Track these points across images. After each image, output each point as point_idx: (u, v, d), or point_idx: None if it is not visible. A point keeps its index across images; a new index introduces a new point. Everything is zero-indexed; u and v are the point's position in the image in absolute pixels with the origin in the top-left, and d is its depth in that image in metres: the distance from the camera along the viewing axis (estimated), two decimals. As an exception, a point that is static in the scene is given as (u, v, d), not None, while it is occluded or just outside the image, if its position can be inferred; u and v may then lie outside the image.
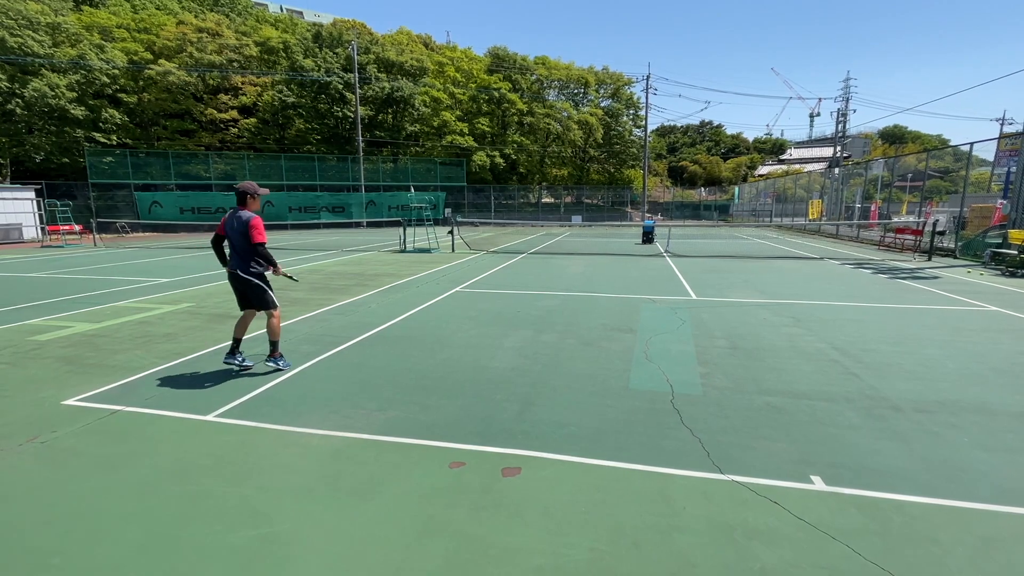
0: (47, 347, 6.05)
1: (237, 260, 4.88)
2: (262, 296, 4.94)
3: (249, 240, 4.74)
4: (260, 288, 4.91)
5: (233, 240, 4.86)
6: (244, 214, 4.80)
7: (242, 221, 4.76)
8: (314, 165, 36.99)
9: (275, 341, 5.01)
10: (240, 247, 4.83)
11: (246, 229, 4.74)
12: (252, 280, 4.87)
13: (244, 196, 4.90)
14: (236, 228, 4.79)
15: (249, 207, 4.90)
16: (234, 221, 4.81)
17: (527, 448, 3.49)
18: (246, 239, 4.76)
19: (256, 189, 4.93)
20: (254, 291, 4.91)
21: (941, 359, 5.40)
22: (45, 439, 3.68)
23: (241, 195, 4.90)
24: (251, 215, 4.80)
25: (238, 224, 4.78)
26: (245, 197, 4.90)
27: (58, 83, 29.84)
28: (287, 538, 2.58)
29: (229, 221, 4.87)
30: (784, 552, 2.44)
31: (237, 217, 4.81)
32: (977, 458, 3.33)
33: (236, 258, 4.89)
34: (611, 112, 51.52)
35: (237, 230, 4.79)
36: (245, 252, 4.83)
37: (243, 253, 4.84)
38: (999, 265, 12.62)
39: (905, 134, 75.28)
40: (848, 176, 29.43)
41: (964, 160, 17.72)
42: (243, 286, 4.90)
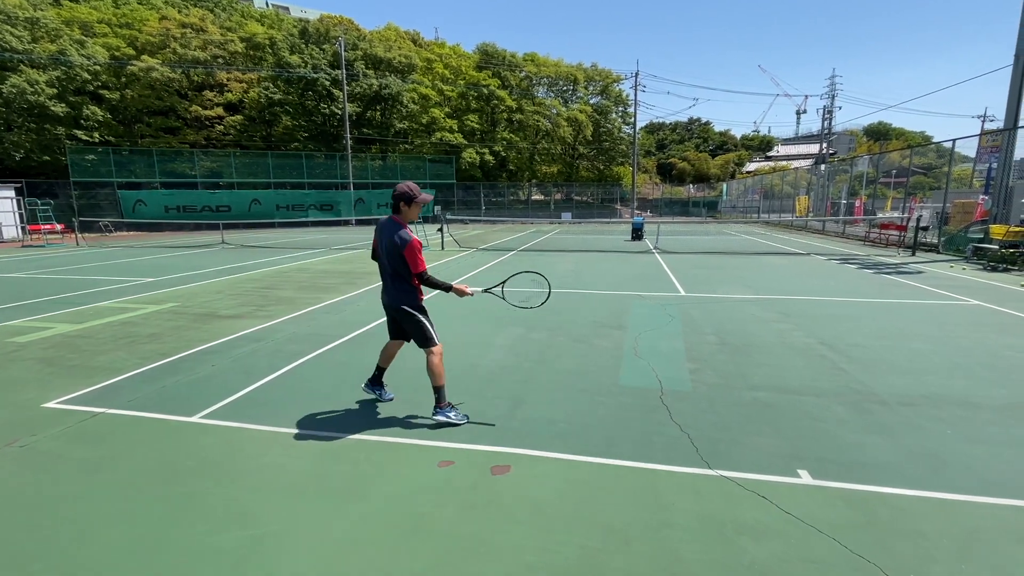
0: (28, 348, 5.93)
1: (391, 288, 3.86)
2: (421, 330, 3.85)
3: (406, 266, 3.72)
4: (419, 321, 3.84)
5: (385, 260, 3.82)
6: (402, 234, 3.68)
7: (400, 241, 3.66)
8: (302, 163, 36.60)
9: (439, 387, 3.86)
10: (394, 270, 3.78)
11: (402, 252, 3.67)
12: (412, 313, 3.84)
13: (398, 202, 3.74)
14: (388, 247, 3.74)
15: (406, 217, 3.79)
16: (388, 236, 3.74)
17: (517, 446, 3.48)
18: (403, 263, 3.72)
19: (417, 192, 3.76)
20: (412, 324, 3.86)
21: (926, 353, 5.48)
22: (25, 443, 3.60)
23: (395, 199, 3.74)
24: (409, 236, 3.68)
25: (392, 243, 3.70)
26: (399, 204, 3.74)
27: (37, 79, 29.22)
28: (275, 539, 2.54)
29: (379, 232, 3.86)
30: (773, 546, 2.46)
31: (395, 235, 3.70)
32: (961, 451, 3.38)
33: (390, 284, 3.87)
34: (600, 109, 51.58)
35: (389, 250, 3.74)
36: (399, 278, 3.80)
37: (397, 278, 3.81)
38: (981, 260, 12.84)
39: (889, 131, 76.26)
40: (834, 173, 29.77)
41: (947, 156, 17.99)
42: (399, 317, 3.91)
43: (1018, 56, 14.18)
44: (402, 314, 3.83)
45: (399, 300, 3.81)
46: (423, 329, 3.83)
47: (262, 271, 12.42)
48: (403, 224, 3.76)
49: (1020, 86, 14.18)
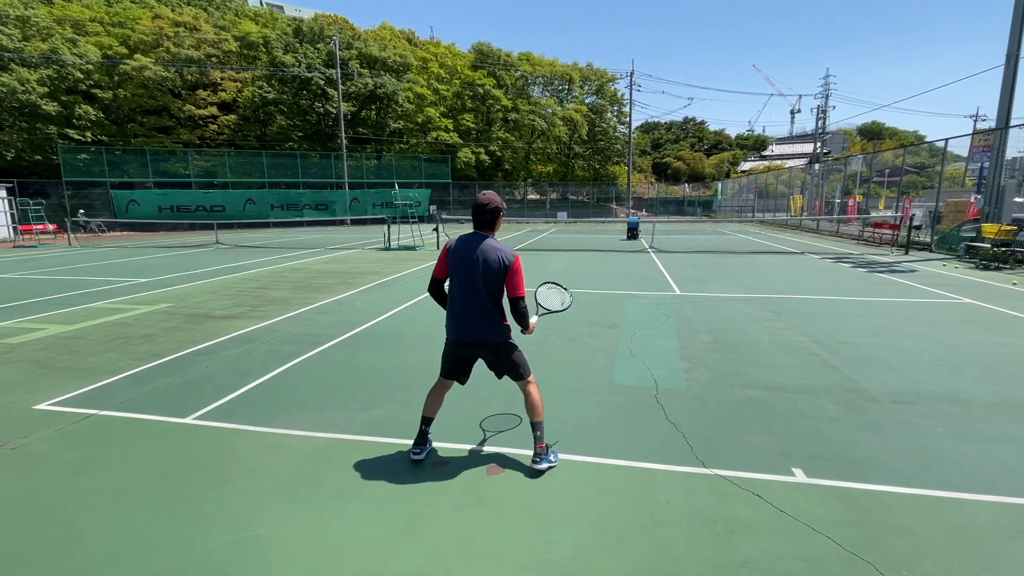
0: (18, 350, 5.88)
1: (481, 317, 3.09)
2: (519, 359, 3.23)
3: (505, 290, 3.09)
4: (515, 349, 3.23)
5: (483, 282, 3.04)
6: (504, 251, 3.05)
7: (504, 261, 3.02)
8: (296, 162, 36.46)
9: (540, 422, 3.20)
10: (493, 294, 3.08)
11: (506, 273, 3.03)
12: (508, 343, 3.20)
13: (496, 215, 3.15)
14: (484, 268, 3.02)
15: (496, 229, 3.20)
16: (482, 254, 3.03)
17: (510, 446, 3.48)
18: (501, 285, 3.07)
19: (502, 203, 3.21)
20: (509, 355, 3.20)
21: (917, 351, 5.51)
22: (16, 445, 3.57)
23: (493, 213, 3.14)
24: (514, 253, 3.08)
25: (494, 263, 3.01)
26: (497, 217, 3.16)
27: (28, 78, 28.97)
28: (267, 541, 2.53)
29: (465, 251, 3.07)
30: (766, 544, 2.47)
31: (493, 249, 3.05)
32: (952, 448, 3.40)
33: (476, 313, 3.09)
34: (595, 109, 51.65)
35: (486, 273, 3.02)
36: (496, 304, 3.10)
37: (495, 304, 3.09)
38: (973, 258, 12.93)
39: (883, 130, 76.71)
40: (828, 172, 29.91)
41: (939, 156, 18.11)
42: (495, 355, 3.20)
43: (1009, 56, 14.28)
44: (497, 349, 3.18)
45: (498, 334, 3.14)
46: (519, 357, 3.23)
47: (256, 271, 12.37)
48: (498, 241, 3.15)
49: (1012, 86, 14.29)
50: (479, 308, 3.08)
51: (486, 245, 3.06)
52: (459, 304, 3.14)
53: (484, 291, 3.06)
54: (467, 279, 3.06)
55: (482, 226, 3.15)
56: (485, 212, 3.12)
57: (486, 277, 3.03)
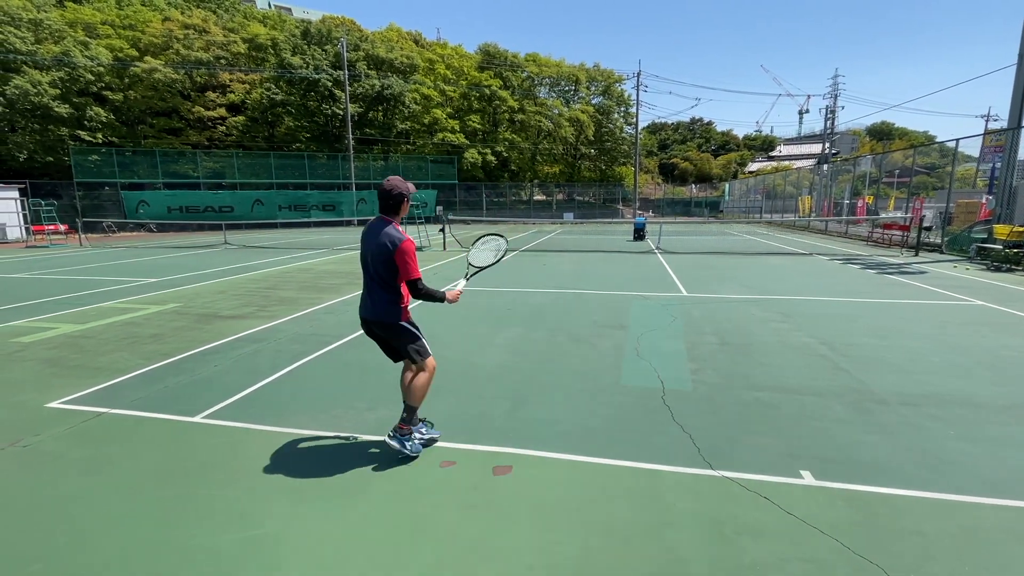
0: (30, 349, 5.95)
1: (374, 299, 3.28)
2: (413, 342, 3.36)
3: (397, 273, 3.20)
4: (411, 333, 3.36)
5: (372, 265, 3.25)
6: (393, 232, 3.18)
7: (391, 244, 3.13)
8: (304, 163, 36.68)
9: (413, 407, 3.39)
10: (382, 277, 3.22)
11: (393, 255, 3.14)
12: (402, 325, 3.33)
13: (400, 200, 3.25)
14: (377, 251, 3.18)
15: (400, 216, 3.32)
16: (377, 238, 3.20)
17: (518, 446, 3.48)
18: (392, 270, 3.19)
19: (409, 188, 3.30)
20: (403, 337, 3.34)
21: (927, 353, 5.46)
22: (27, 443, 3.62)
23: (397, 198, 3.23)
24: (402, 235, 3.18)
25: (381, 247, 3.16)
26: (401, 201, 3.26)
27: (41, 80, 29.32)
28: (275, 540, 2.55)
29: (366, 234, 3.31)
30: (773, 546, 2.45)
31: (383, 233, 3.18)
32: (962, 450, 3.37)
33: (373, 295, 3.29)
34: (602, 109, 51.55)
35: (379, 254, 3.18)
36: (388, 286, 3.25)
37: (385, 287, 3.25)
38: (985, 260, 12.79)
39: (892, 131, 76.04)
40: (837, 173, 29.69)
41: (950, 156, 17.93)
42: (386, 333, 3.37)
43: (1022, 56, 14.12)
44: (388, 329, 3.32)
45: (384, 313, 3.26)
46: (414, 340, 3.34)
47: (264, 271, 12.45)
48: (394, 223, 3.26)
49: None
50: (370, 288, 3.31)
51: (381, 230, 3.21)
52: (365, 280, 3.37)
53: (374, 272, 3.25)
54: (365, 261, 3.32)
55: (386, 211, 3.28)
56: (389, 198, 3.24)
57: (375, 260, 3.21)
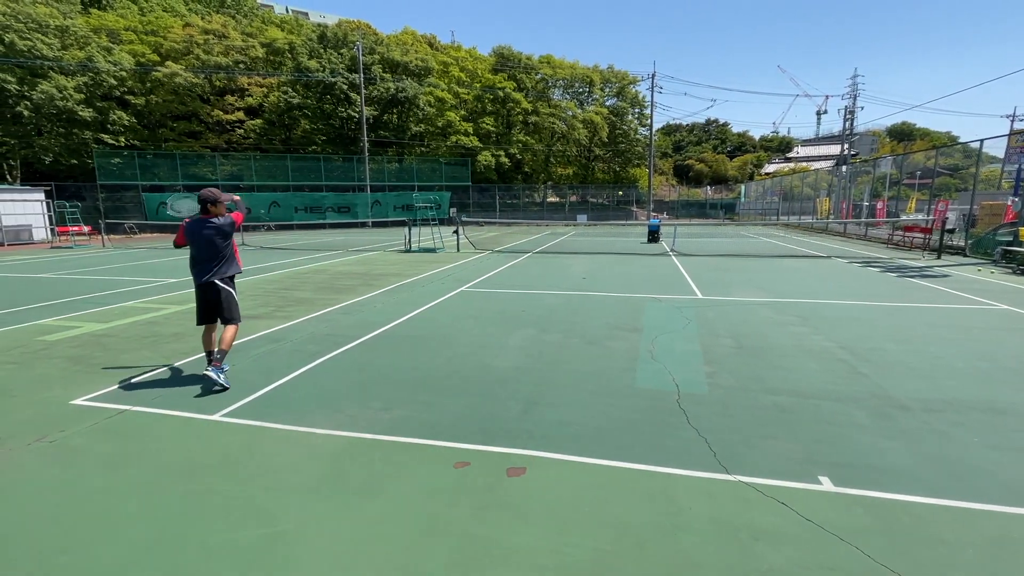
0: (56, 347, 6.11)
1: (215, 267, 4.75)
2: (234, 305, 4.86)
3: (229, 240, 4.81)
4: (233, 297, 4.85)
5: (210, 245, 4.71)
6: (222, 217, 4.76)
7: (224, 223, 4.72)
8: (320, 165, 37.11)
9: (225, 351, 4.73)
10: (220, 251, 4.74)
11: (226, 227, 4.75)
12: (229, 289, 4.83)
13: (205, 205, 4.76)
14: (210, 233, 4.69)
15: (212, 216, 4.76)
16: (204, 227, 4.68)
17: (532, 448, 3.49)
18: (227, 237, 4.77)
19: (217, 196, 4.79)
20: (229, 300, 4.82)
21: (950, 358, 5.35)
22: (53, 438, 3.72)
23: (203, 204, 4.76)
24: (230, 216, 4.80)
25: (215, 228, 4.69)
26: (206, 206, 4.76)
27: (66, 85, 30.08)
28: (292, 537, 2.59)
29: (194, 228, 4.71)
30: (790, 552, 2.42)
31: (210, 223, 4.69)
32: (986, 458, 3.30)
33: (213, 264, 4.74)
34: (616, 111, 51.39)
35: (214, 234, 4.70)
36: (226, 255, 4.79)
37: (224, 257, 4.77)
38: (1010, 263, 12.49)
39: (913, 131, 74.63)
40: (856, 174, 29.20)
41: (974, 157, 17.54)
42: (219, 295, 4.78)
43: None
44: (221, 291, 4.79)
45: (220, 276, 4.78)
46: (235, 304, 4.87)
47: (281, 272, 12.61)
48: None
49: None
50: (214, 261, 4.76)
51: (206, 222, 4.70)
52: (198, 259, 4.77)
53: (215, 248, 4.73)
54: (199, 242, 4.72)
55: (202, 212, 4.76)
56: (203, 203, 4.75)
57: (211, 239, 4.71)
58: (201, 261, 4.74)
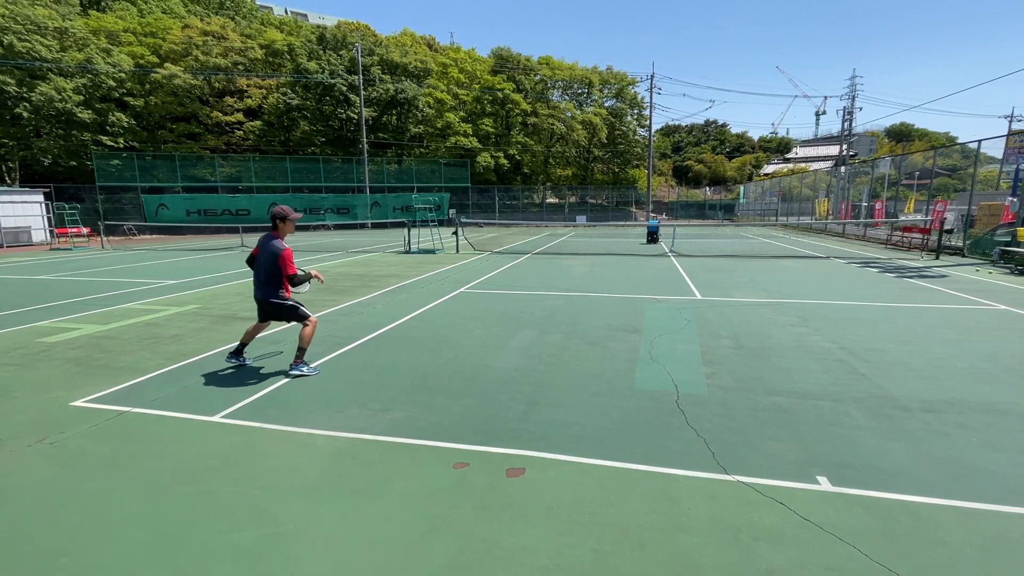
0: (56, 349, 6.10)
1: (259, 285, 4.95)
2: (295, 312, 5.00)
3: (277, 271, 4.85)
4: (291, 307, 4.99)
5: (261, 265, 4.90)
6: (277, 244, 4.83)
7: (274, 252, 4.80)
8: (319, 167, 37.10)
9: (303, 348, 4.97)
10: (266, 270, 4.87)
11: (276, 261, 4.82)
12: (283, 303, 4.95)
13: (275, 221, 4.91)
14: (266, 255, 4.85)
15: (281, 232, 4.92)
16: (266, 247, 4.86)
17: (532, 448, 3.49)
18: (276, 268, 4.84)
19: (288, 213, 4.93)
20: (287, 311, 5.01)
21: (949, 358, 5.36)
22: (54, 440, 3.72)
23: (273, 220, 4.93)
24: (283, 247, 4.82)
25: (268, 253, 4.83)
26: (275, 222, 4.91)
27: (65, 87, 30.06)
28: (292, 538, 2.59)
29: (261, 244, 4.95)
30: (790, 553, 2.43)
31: (270, 245, 4.84)
32: (986, 458, 3.30)
33: (258, 282, 4.96)
34: (615, 112, 51.39)
35: (267, 257, 4.84)
36: (272, 279, 4.88)
37: (269, 279, 4.89)
38: (1008, 263, 12.51)
39: (912, 132, 74.72)
40: (854, 175, 29.24)
41: (972, 158, 17.57)
42: (272, 308, 5.00)
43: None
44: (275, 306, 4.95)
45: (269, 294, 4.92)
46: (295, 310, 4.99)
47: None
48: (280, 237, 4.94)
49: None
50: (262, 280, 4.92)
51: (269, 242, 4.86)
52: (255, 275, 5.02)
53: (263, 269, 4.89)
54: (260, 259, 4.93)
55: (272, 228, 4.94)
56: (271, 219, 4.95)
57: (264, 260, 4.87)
58: (256, 274, 4.99)
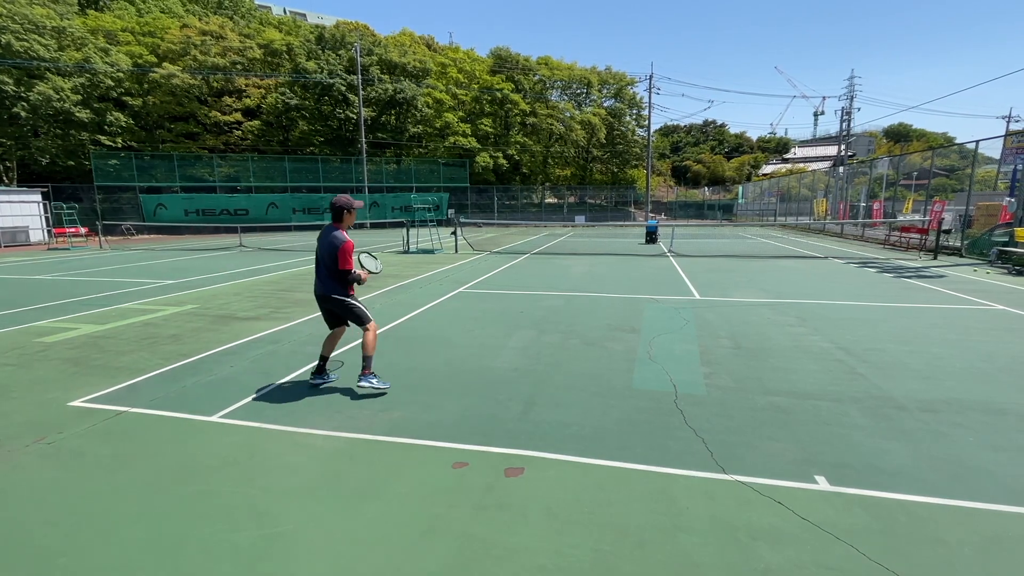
0: (54, 349, 6.09)
1: (321, 280, 4.59)
2: (353, 311, 4.62)
3: (336, 264, 4.48)
4: (349, 306, 4.61)
5: (322, 259, 4.58)
6: (338, 236, 4.47)
7: (334, 245, 4.45)
8: (318, 167, 37.07)
9: (369, 356, 4.55)
10: (327, 266, 4.53)
11: (335, 253, 4.45)
12: (343, 300, 4.57)
13: (340, 211, 4.54)
14: (326, 247, 4.52)
15: (344, 223, 4.59)
16: (326, 239, 4.54)
17: (530, 448, 3.49)
18: (334, 262, 4.49)
19: (351, 203, 4.56)
20: (346, 309, 4.62)
21: (947, 358, 5.37)
22: (52, 440, 3.71)
23: (336, 210, 4.54)
24: (344, 239, 4.45)
25: (328, 244, 4.50)
26: (341, 212, 4.55)
27: (63, 86, 30.00)
28: (291, 538, 2.59)
29: (321, 237, 4.63)
30: (788, 552, 2.43)
31: (331, 236, 4.51)
32: (984, 458, 3.31)
33: (320, 277, 4.60)
34: (614, 112, 51.44)
35: (327, 249, 4.51)
36: (333, 273, 4.52)
37: (331, 274, 4.53)
38: (1006, 263, 12.54)
39: (910, 132, 74.87)
40: (853, 175, 29.29)
41: (970, 158, 17.61)
42: (332, 305, 4.64)
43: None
44: (334, 302, 4.58)
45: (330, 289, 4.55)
46: (355, 309, 4.59)
47: (279, 273, 12.60)
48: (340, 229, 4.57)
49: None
50: (323, 274, 4.56)
51: (330, 235, 4.50)
52: (316, 268, 4.64)
53: (323, 264, 4.54)
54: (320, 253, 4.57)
55: (334, 220, 4.57)
56: (332, 210, 4.55)
57: (324, 254, 4.52)
58: (317, 269, 4.63)
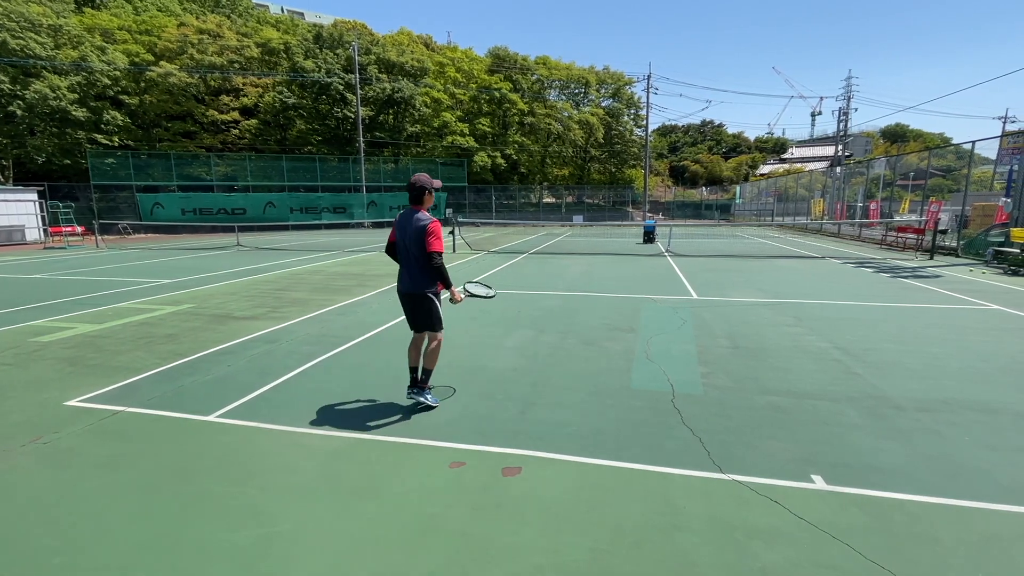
0: (50, 348, 6.07)
1: (411, 274, 4.02)
2: (433, 314, 4.08)
3: (424, 248, 3.89)
4: (432, 303, 4.05)
5: (407, 249, 3.97)
6: (422, 216, 3.94)
7: (419, 226, 3.89)
8: (315, 166, 37.01)
9: (430, 370, 4.15)
10: (416, 257, 3.94)
11: (423, 236, 3.87)
12: (430, 298, 4.03)
13: (421, 192, 3.98)
14: (411, 234, 3.91)
15: (425, 205, 4.02)
16: (408, 224, 3.94)
17: (528, 448, 3.49)
18: (421, 247, 3.89)
19: (431, 182, 4.00)
20: (425, 307, 4.04)
21: (943, 358, 5.39)
22: (48, 440, 3.69)
23: (418, 191, 3.97)
24: (429, 218, 3.92)
25: (413, 229, 3.90)
26: (423, 194, 3.98)
27: (59, 85, 29.90)
28: (288, 538, 2.58)
29: (402, 224, 4.01)
30: (785, 551, 2.44)
31: (414, 220, 3.93)
32: (979, 457, 3.33)
33: (409, 272, 4.03)
34: (612, 112, 51.47)
35: (412, 236, 3.91)
36: (424, 266, 3.95)
37: (422, 266, 3.96)
38: (1001, 264, 12.59)
39: (907, 133, 75.10)
40: (850, 175, 29.38)
41: (966, 159, 17.68)
42: (415, 302, 4.08)
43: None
44: (418, 299, 4.05)
45: (418, 285, 4.02)
46: (433, 311, 4.10)
47: (276, 273, 12.58)
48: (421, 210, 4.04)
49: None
50: (410, 267, 4.02)
51: (412, 217, 3.96)
52: (402, 262, 4.10)
53: (410, 254, 3.98)
54: (405, 243, 3.98)
55: (412, 202, 4.04)
56: (411, 191, 4.01)
57: (409, 241, 3.94)
58: (405, 264, 4.05)
